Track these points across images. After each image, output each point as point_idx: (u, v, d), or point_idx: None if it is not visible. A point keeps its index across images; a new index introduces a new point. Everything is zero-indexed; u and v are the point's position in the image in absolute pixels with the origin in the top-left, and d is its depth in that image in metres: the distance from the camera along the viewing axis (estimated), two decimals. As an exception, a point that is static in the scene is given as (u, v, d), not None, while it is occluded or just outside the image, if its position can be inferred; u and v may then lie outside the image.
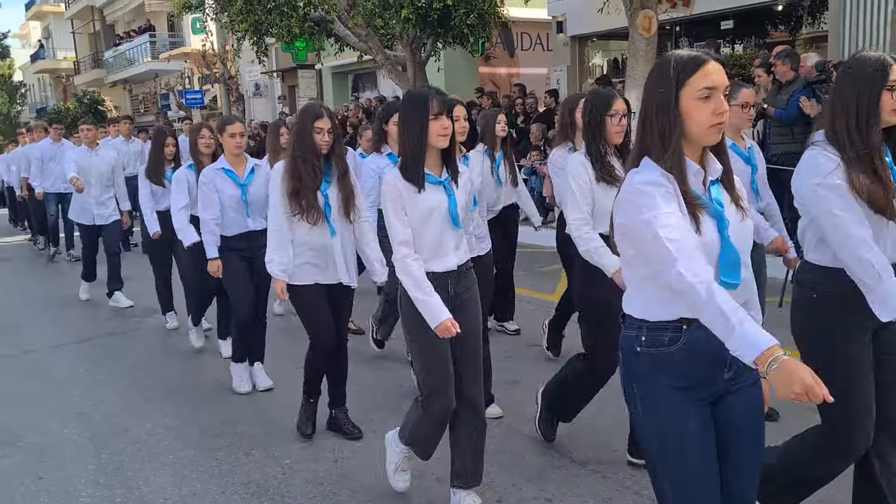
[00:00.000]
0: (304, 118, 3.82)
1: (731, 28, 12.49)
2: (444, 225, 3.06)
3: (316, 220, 3.81)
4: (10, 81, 47.10)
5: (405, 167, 3.00)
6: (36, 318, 7.58)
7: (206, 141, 5.34)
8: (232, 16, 12.33)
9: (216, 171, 4.71)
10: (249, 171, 4.77)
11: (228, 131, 4.66)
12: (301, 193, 3.76)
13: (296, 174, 3.77)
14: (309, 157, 3.77)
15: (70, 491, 3.71)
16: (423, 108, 2.94)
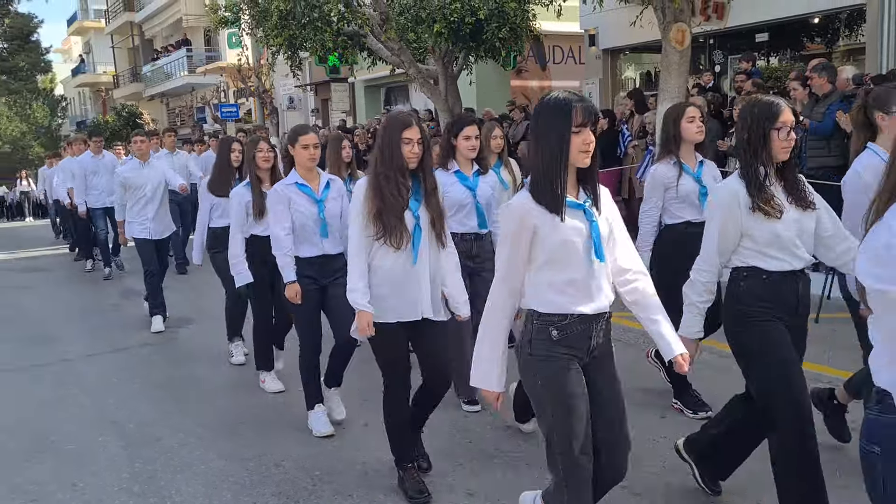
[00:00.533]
0: (390, 128, 3.33)
1: (766, 41, 12.37)
2: (587, 258, 2.56)
3: (400, 244, 3.31)
4: (52, 95, 48.23)
5: (538, 188, 2.52)
6: (72, 327, 7.71)
7: (264, 155, 4.99)
8: (267, 30, 12.50)
9: (288, 185, 4.23)
10: (325, 185, 4.31)
11: (301, 142, 4.19)
12: (384, 214, 3.28)
13: (378, 193, 3.29)
14: (393, 174, 3.28)
15: (104, 499, 3.76)
16: (564, 117, 2.47)
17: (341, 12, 11.65)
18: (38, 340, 7.11)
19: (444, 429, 4.33)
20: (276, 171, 4.98)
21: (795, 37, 12.42)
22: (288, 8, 11.70)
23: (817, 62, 7.87)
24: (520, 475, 3.75)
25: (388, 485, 3.74)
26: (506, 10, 11.17)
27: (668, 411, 4.49)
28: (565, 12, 12.06)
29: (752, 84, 9.04)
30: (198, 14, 28.41)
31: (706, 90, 10.13)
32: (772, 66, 12.35)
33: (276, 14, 11.80)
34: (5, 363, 6.33)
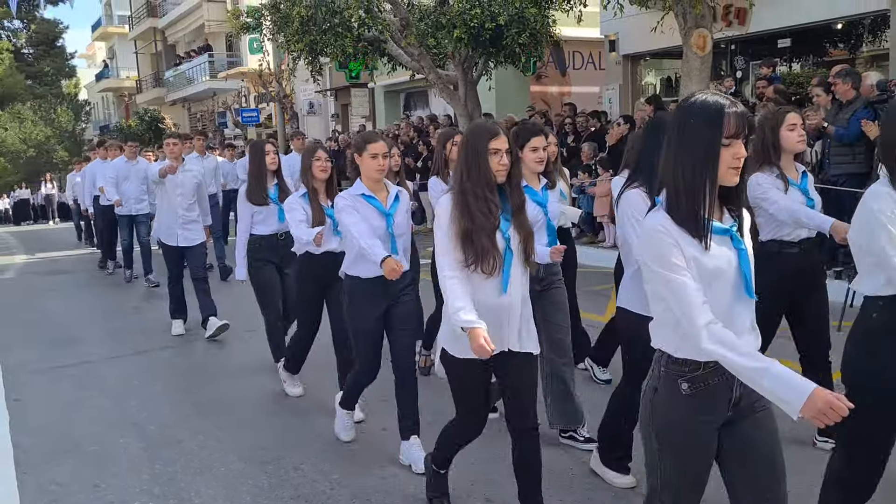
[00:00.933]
0: (475, 138, 2.95)
1: (788, 46, 12.29)
2: (735, 292, 2.14)
3: (493, 270, 2.91)
4: (76, 100, 48.82)
5: (678, 209, 2.09)
6: (94, 329, 7.79)
7: (322, 164, 4.62)
8: (288, 36, 12.59)
9: (355, 196, 3.86)
10: (394, 198, 3.94)
11: (370, 151, 3.82)
12: (475, 236, 2.88)
13: (466, 212, 2.90)
14: (481, 190, 2.90)
15: (125, 500, 3.80)
16: (713, 125, 2.05)
17: (362, 18, 11.71)
18: (61, 342, 7.20)
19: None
20: (332, 182, 4.68)
21: (818, 42, 12.32)
22: (309, 14, 11.78)
23: (841, 68, 7.81)
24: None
25: (406, 490, 3.75)
26: (526, 16, 11.18)
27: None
28: (585, 18, 12.05)
29: (773, 90, 8.99)
30: (220, 20, 28.68)
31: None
32: (794, 71, 12.26)
33: (297, 20, 11.89)
34: (29, 365, 6.41)
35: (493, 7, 11.01)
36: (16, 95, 30.79)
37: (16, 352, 6.86)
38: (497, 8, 11.00)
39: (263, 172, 5.49)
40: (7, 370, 6.24)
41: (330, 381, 5.22)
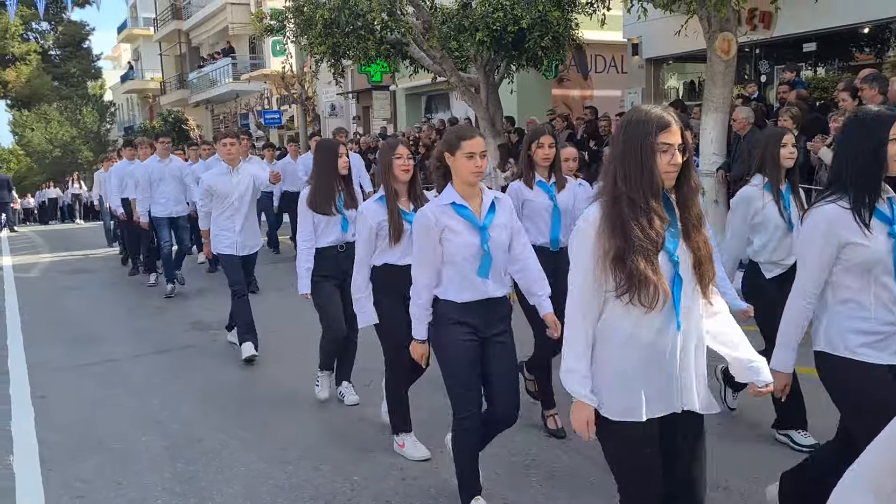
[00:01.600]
0: (638, 128, 2.24)
1: (813, 50, 12.17)
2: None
3: (654, 302, 2.21)
4: (101, 101, 49.39)
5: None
6: (118, 328, 7.87)
7: (403, 163, 3.98)
8: (311, 39, 12.65)
9: (443, 207, 3.23)
10: (489, 207, 3.29)
11: (465, 149, 3.17)
12: (630, 258, 2.20)
13: (619, 226, 2.21)
14: (642, 197, 2.21)
15: (146, 498, 3.84)
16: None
17: (385, 21, 11.74)
18: (86, 341, 7.28)
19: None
20: (415, 184, 4.08)
21: (844, 47, 12.19)
22: (332, 17, 11.83)
23: (868, 73, 7.73)
24: (556, 487, 3.74)
25: (426, 492, 3.76)
26: (549, 19, 11.16)
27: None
28: (608, 21, 12.00)
29: (795, 95, 8.91)
30: (243, 22, 28.90)
31: (751, 101, 10.00)
32: (819, 76, 12.14)
33: (320, 22, 11.95)
34: (55, 363, 6.49)
35: (516, 10, 11.00)
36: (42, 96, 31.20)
37: (41, 349, 6.95)
38: (520, 11, 10.99)
39: (335, 177, 4.83)
40: (32, 367, 6.33)
41: (354, 380, 5.24)
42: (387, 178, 4.02)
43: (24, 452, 4.47)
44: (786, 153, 4.01)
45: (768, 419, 4.23)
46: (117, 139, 46.68)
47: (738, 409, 4.57)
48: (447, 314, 3.29)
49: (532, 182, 4.36)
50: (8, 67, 28.57)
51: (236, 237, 6.27)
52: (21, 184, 42.40)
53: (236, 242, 6.28)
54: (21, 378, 6.03)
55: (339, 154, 4.83)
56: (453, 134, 3.31)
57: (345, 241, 4.89)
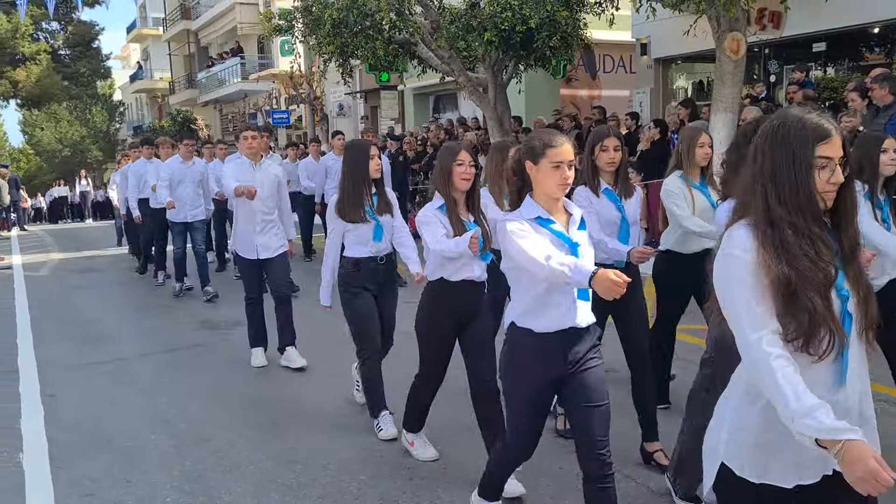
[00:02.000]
0: (794, 138, 1.86)
1: (823, 50, 12.12)
2: None
3: (827, 349, 1.82)
4: (111, 100, 49.62)
5: None
6: (126, 327, 7.90)
7: (465, 170, 3.64)
8: (320, 38, 12.66)
9: (528, 221, 2.76)
10: (579, 222, 2.88)
11: (551, 158, 2.73)
12: (802, 293, 1.81)
13: (784, 252, 1.83)
14: (804, 222, 1.84)
15: (155, 496, 3.85)
16: None
17: (393, 21, 11.75)
18: (95, 339, 7.31)
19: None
20: (475, 192, 3.75)
21: (854, 47, 12.14)
22: (341, 17, 11.85)
23: (879, 72, 7.70)
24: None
25: (433, 492, 3.76)
26: (557, 19, 11.14)
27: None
28: (617, 21, 11.98)
29: (802, 95, 8.89)
30: (252, 22, 28.96)
31: (759, 100, 9.97)
32: (829, 76, 12.09)
33: (329, 22, 11.96)
34: (64, 361, 6.52)
35: (525, 10, 10.99)
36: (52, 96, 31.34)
37: (50, 348, 6.99)
38: (528, 11, 10.98)
39: (365, 181, 4.43)
40: (42, 366, 6.36)
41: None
42: (446, 185, 3.67)
43: (33, 450, 4.49)
44: (886, 159, 3.79)
45: None
46: (126, 138, 46.89)
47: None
48: (530, 346, 2.84)
49: (598, 190, 3.99)
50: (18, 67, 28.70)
51: (256, 238, 5.88)
52: (31, 183, 42.69)
53: (256, 245, 5.89)
54: (30, 376, 6.06)
55: (370, 155, 4.41)
56: (538, 140, 2.80)
57: (383, 251, 4.50)
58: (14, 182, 21.19)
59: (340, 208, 4.41)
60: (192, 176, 8.92)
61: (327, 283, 4.62)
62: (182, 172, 8.82)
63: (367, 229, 4.43)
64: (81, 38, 31.29)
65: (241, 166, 5.96)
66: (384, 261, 4.53)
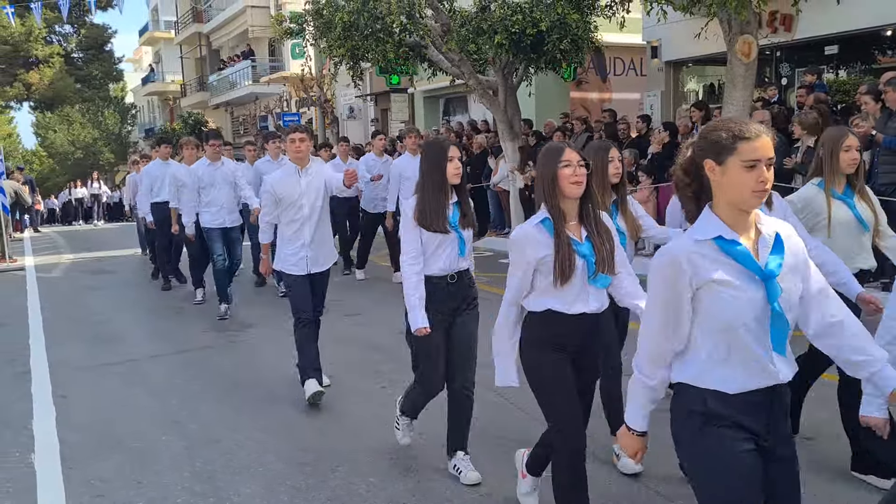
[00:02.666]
0: None
1: (835, 53, 12.06)
2: None
3: None
4: (123, 103, 49.92)
5: None
6: (138, 328, 7.95)
7: (573, 172, 2.99)
8: (330, 41, 12.68)
9: (699, 245, 2.12)
10: (774, 243, 2.15)
11: (745, 155, 2.06)
12: None
13: None
14: None
15: (166, 497, 3.87)
16: None
17: (403, 24, 11.76)
18: (106, 340, 7.36)
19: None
20: (590, 201, 3.08)
21: (866, 49, 12.07)
22: (351, 20, 11.87)
23: (892, 75, 7.65)
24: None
25: (442, 495, 3.76)
26: (568, 22, 11.12)
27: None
28: (628, 24, 11.95)
29: (814, 99, 8.84)
30: (263, 25, 29.07)
31: (770, 104, 9.93)
32: (840, 79, 12.03)
33: (339, 25, 11.99)
34: (76, 362, 6.56)
35: (535, 13, 10.98)
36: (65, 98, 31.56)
37: (62, 349, 7.03)
38: (539, 14, 10.97)
39: (445, 185, 3.76)
40: (54, 367, 6.40)
41: (371, 382, 5.26)
42: (551, 194, 3.00)
43: (45, 451, 4.52)
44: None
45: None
46: (138, 141, 47.16)
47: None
48: (713, 410, 2.14)
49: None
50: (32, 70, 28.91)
51: (305, 252, 5.22)
52: (44, 185, 42.90)
53: (305, 258, 5.23)
54: (43, 377, 6.10)
55: (448, 157, 3.76)
56: (724, 131, 2.10)
57: (458, 268, 3.85)
58: (29, 184, 21.32)
59: (421, 215, 3.73)
60: (224, 177, 8.10)
61: (418, 302, 3.73)
62: (211, 175, 8.03)
63: (450, 242, 3.79)
64: (94, 41, 31.50)
65: (286, 175, 5.23)
66: (455, 279, 3.85)
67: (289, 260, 5.26)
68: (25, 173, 24.56)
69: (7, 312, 9.02)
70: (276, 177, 5.29)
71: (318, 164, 5.71)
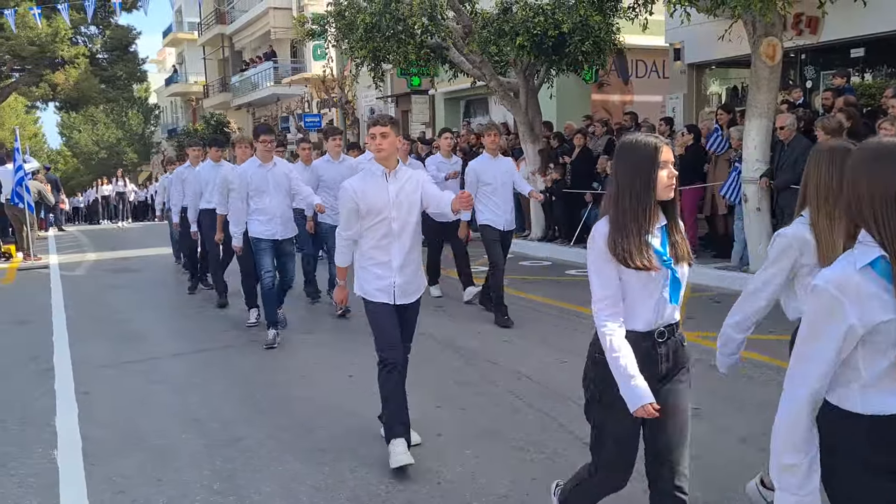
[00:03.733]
0: None
1: (861, 56, 11.91)
2: None
3: None
4: (146, 104, 50.44)
5: None
6: (159, 327, 8.02)
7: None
8: (352, 43, 12.74)
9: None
10: None
11: None
12: None
13: None
14: None
15: (186, 494, 3.89)
16: None
17: (425, 25, 11.78)
18: (129, 339, 7.42)
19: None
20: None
21: (893, 52, 11.91)
22: (373, 21, 11.91)
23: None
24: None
25: (461, 497, 3.75)
26: (590, 24, 11.08)
27: (750, 437, 4.34)
28: (650, 26, 11.88)
29: (844, 101, 8.73)
30: (285, 27, 29.27)
31: (796, 107, 9.83)
32: (866, 82, 11.88)
33: (361, 27, 12.03)
34: (99, 360, 6.62)
35: (557, 15, 10.96)
36: (90, 99, 31.90)
37: (85, 346, 7.10)
38: (561, 16, 10.95)
39: (652, 204, 2.61)
40: (77, 364, 6.46)
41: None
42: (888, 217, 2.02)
43: (67, 447, 4.57)
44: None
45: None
46: (160, 141, 47.60)
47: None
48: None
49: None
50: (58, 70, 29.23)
51: (393, 277, 4.14)
52: (68, 184, 43.46)
53: (392, 286, 4.15)
54: (66, 374, 6.17)
55: (659, 161, 2.58)
56: None
57: (669, 320, 2.70)
58: (54, 183, 21.59)
59: (613, 243, 2.59)
60: (277, 180, 6.81)
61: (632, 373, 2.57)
62: (262, 177, 6.77)
63: (659, 283, 2.64)
64: (119, 42, 31.79)
65: (369, 178, 4.14)
66: (666, 336, 2.71)
67: (372, 285, 4.15)
68: (51, 173, 24.85)
69: (31, 310, 9.13)
70: (356, 181, 4.13)
71: (410, 170, 4.38)
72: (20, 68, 29.18)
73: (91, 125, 49.89)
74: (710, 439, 4.27)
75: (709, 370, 5.49)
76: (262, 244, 6.85)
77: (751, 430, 4.41)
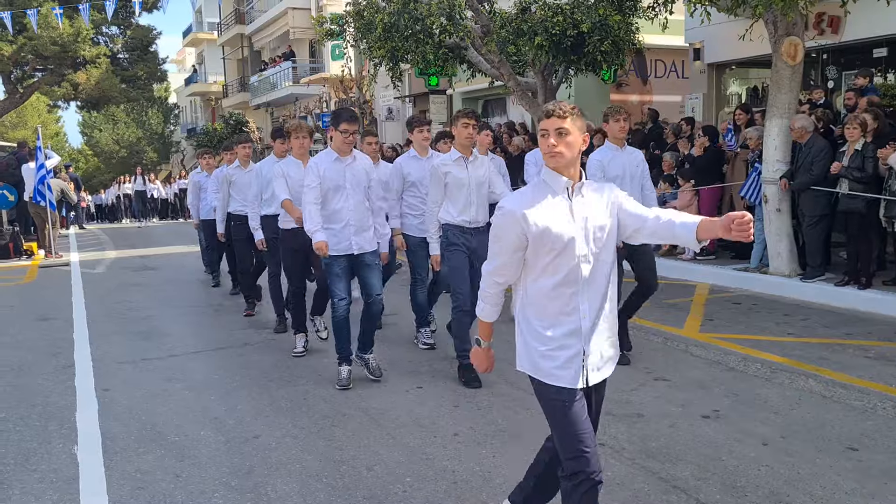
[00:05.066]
0: None
1: (883, 56, 11.78)
2: None
3: None
4: (166, 103, 50.81)
5: None
6: (178, 324, 8.07)
7: None
8: (371, 42, 12.76)
9: None
10: None
11: None
12: None
13: None
14: None
15: (204, 491, 3.91)
16: None
17: (443, 25, 11.78)
18: (148, 336, 7.48)
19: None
20: None
21: (917, 52, 11.78)
22: (392, 21, 11.93)
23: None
24: (612, 495, 3.68)
25: (478, 497, 3.75)
26: (609, 24, 11.04)
27: (770, 439, 4.30)
28: (670, 25, 11.81)
29: (867, 101, 8.64)
30: (304, 27, 29.38)
31: (817, 107, 9.74)
32: (888, 82, 11.74)
33: (380, 27, 12.05)
34: (120, 356, 6.68)
35: (576, 14, 10.93)
36: (111, 98, 32.16)
37: (105, 343, 7.17)
38: (580, 15, 10.91)
39: None
40: (97, 361, 6.53)
41: (408, 382, 5.26)
42: None
43: (87, 443, 4.61)
44: None
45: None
46: (180, 140, 47.93)
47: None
48: None
49: None
50: (79, 70, 29.49)
51: (582, 345, 2.88)
52: (89, 182, 43.91)
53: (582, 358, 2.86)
54: (86, 371, 6.23)
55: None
56: None
57: None
58: (75, 182, 21.81)
59: None
60: (355, 178, 5.46)
61: None
62: (339, 174, 5.40)
63: None
64: (139, 42, 32.01)
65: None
66: None
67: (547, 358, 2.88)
68: (72, 171, 25.08)
69: (52, 307, 9.23)
70: (519, 199, 2.84)
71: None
72: (42, 68, 29.46)
73: (112, 124, 50.30)
74: (729, 442, 4.24)
75: (728, 373, 5.48)
76: (335, 263, 5.40)
77: (771, 433, 4.37)
